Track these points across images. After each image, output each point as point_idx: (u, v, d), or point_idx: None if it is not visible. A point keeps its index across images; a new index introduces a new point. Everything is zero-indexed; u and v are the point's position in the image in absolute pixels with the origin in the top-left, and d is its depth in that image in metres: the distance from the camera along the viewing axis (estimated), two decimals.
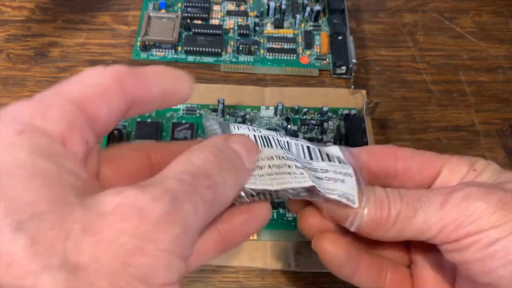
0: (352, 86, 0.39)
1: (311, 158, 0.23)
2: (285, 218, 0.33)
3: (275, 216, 0.33)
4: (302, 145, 0.23)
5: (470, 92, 0.41)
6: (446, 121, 0.39)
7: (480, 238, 0.19)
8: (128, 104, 0.18)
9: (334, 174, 0.22)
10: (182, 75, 0.20)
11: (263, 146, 0.21)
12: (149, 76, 0.19)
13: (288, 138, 0.23)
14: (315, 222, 0.22)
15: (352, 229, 0.21)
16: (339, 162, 0.23)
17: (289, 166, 0.21)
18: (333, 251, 0.22)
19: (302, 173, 0.21)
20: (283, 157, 0.21)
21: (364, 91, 0.40)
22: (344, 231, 0.22)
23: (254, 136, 0.22)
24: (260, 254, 0.32)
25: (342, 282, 0.31)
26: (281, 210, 0.33)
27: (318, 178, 0.21)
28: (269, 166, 0.21)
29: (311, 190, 0.21)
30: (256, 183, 0.20)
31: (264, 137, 0.22)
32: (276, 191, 0.20)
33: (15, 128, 0.14)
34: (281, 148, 0.22)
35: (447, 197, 0.20)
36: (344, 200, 0.21)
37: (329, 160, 0.23)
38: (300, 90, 0.40)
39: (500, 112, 0.40)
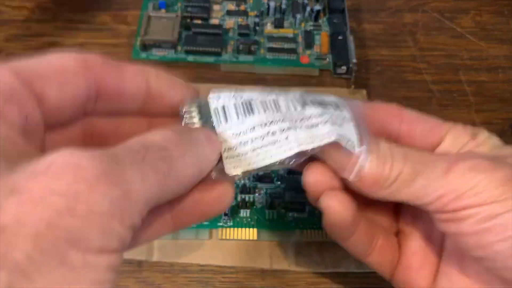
0: (353, 86, 0.39)
1: (304, 106, 0.21)
2: (285, 218, 0.33)
3: (275, 216, 0.33)
4: (292, 96, 0.22)
5: (470, 92, 0.41)
6: (447, 121, 0.39)
7: (480, 211, 0.18)
8: (90, 90, 0.17)
9: (330, 118, 0.20)
10: (174, 78, 0.20)
11: (244, 115, 0.20)
12: (128, 71, 0.18)
13: (275, 95, 0.21)
14: (321, 178, 0.22)
15: (351, 177, 0.20)
16: (337, 107, 0.21)
17: (273, 134, 0.20)
18: (341, 211, 0.21)
19: (287, 138, 0.20)
20: (265, 124, 0.20)
21: (364, 91, 0.40)
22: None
23: (235, 105, 0.20)
24: (260, 254, 0.32)
25: (342, 282, 0.31)
26: (281, 210, 0.33)
27: (312, 126, 0.20)
28: (251, 139, 0.20)
29: (301, 153, 0.20)
30: (240, 165, 0.19)
31: (246, 103, 0.21)
32: (260, 167, 0.20)
33: None
34: (267, 110, 0.20)
35: (452, 165, 0.19)
36: (343, 142, 0.20)
37: (325, 106, 0.21)
38: (300, 90, 0.39)
39: (500, 112, 0.40)
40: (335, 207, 0.21)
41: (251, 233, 0.32)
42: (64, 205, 0.12)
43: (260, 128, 0.20)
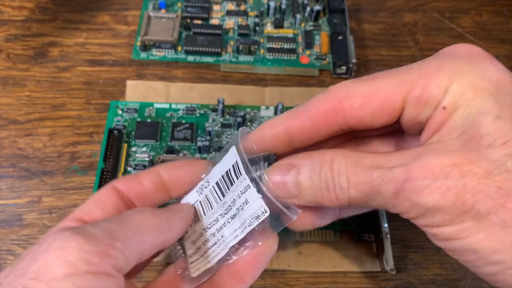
0: None
1: (223, 195, 0.23)
2: None
3: None
4: (213, 187, 0.24)
5: None
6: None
7: (439, 232, 0.19)
8: (124, 203, 0.23)
9: (237, 203, 0.22)
10: (181, 166, 0.25)
11: (203, 214, 0.24)
12: (142, 175, 0.24)
13: (213, 186, 0.24)
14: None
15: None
16: (236, 172, 0.22)
17: (213, 235, 0.23)
18: (301, 229, 0.24)
19: (222, 236, 0.23)
20: (208, 227, 0.23)
21: None
22: None
23: (200, 203, 0.24)
24: None
25: (342, 282, 0.31)
26: None
27: (236, 214, 0.22)
28: (203, 243, 0.23)
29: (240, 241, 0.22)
30: (199, 268, 0.23)
31: (206, 201, 0.24)
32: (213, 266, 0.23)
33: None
34: (216, 203, 0.23)
35: (399, 187, 0.18)
36: (255, 223, 0.22)
37: (231, 183, 0.23)
38: (300, 90, 0.40)
39: None
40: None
41: None
42: None
43: (207, 230, 0.24)
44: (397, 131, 0.24)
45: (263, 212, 0.21)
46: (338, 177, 0.20)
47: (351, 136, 0.25)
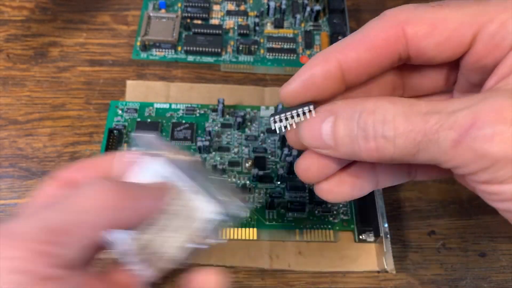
0: None
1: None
2: (285, 218, 0.33)
3: (275, 216, 0.33)
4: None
5: None
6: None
7: (502, 190, 0.16)
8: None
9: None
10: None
11: None
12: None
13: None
14: (312, 168, 0.21)
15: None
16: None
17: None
18: (339, 199, 0.22)
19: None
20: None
21: None
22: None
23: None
24: (260, 254, 0.32)
25: (342, 282, 0.31)
26: (281, 210, 0.33)
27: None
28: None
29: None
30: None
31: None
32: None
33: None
34: None
35: (463, 133, 0.16)
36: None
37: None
38: None
39: None
40: (332, 199, 0.22)
41: (251, 233, 0.32)
42: None
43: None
44: (448, 92, 0.21)
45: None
46: (382, 125, 0.17)
47: (396, 95, 0.22)
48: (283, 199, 0.33)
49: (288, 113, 0.20)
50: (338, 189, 0.22)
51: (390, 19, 0.19)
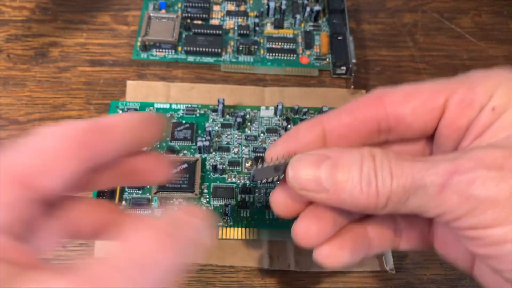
0: (352, 86, 0.39)
1: None
2: (285, 218, 0.33)
3: (275, 216, 0.33)
4: None
5: None
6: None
7: (486, 235, 0.17)
8: (87, 163, 0.17)
9: None
10: (148, 118, 0.19)
11: None
12: (112, 130, 0.18)
13: None
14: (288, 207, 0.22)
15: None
16: None
17: None
18: (338, 264, 0.21)
19: None
20: None
21: (364, 91, 0.40)
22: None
23: None
24: (260, 254, 0.32)
25: (342, 281, 0.31)
26: None
27: None
28: None
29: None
30: None
31: None
32: None
33: None
34: None
35: (447, 179, 0.17)
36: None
37: None
38: (300, 90, 0.40)
39: None
40: (330, 264, 0.21)
41: (251, 233, 0.32)
42: None
43: None
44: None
45: None
46: (381, 171, 0.18)
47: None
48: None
49: (271, 165, 0.21)
50: (339, 253, 0.21)
51: (371, 93, 0.21)
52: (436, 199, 0.17)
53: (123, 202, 0.33)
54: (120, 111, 0.37)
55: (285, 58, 0.41)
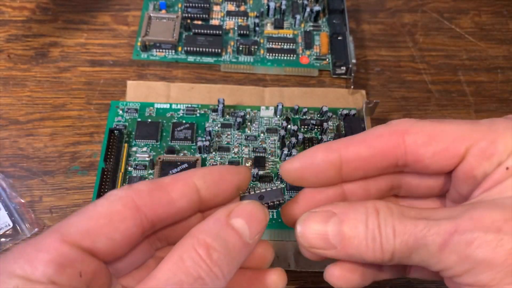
0: (352, 86, 0.39)
1: None
2: None
3: (274, 216, 0.33)
4: None
5: (469, 92, 0.41)
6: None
7: None
8: (142, 226, 0.19)
9: None
10: (223, 171, 0.21)
11: None
12: (175, 190, 0.19)
13: None
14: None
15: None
16: None
17: None
18: (346, 286, 0.22)
19: None
20: None
21: (363, 91, 0.40)
22: None
23: None
24: None
25: None
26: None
27: None
28: None
29: None
30: None
31: None
32: None
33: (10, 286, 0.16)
34: None
35: (447, 238, 0.17)
36: None
37: None
38: (300, 90, 0.40)
39: (499, 112, 0.40)
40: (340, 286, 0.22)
41: None
42: None
43: None
44: (440, 197, 0.23)
45: None
46: (385, 227, 0.19)
47: (392, 194, 0.24)
48: (283, 198, 0.33)
49: (257, 193, 0.23)
50: (349, 276, 0.22)
51: (393, 126, 0.21)
52: (437, 257, 0.18)
53: None
54: (120, 111, 0.37)
55: (285, 58, 0.41)
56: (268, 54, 0.41)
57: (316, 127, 0.37)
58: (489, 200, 0.18)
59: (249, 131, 0.36)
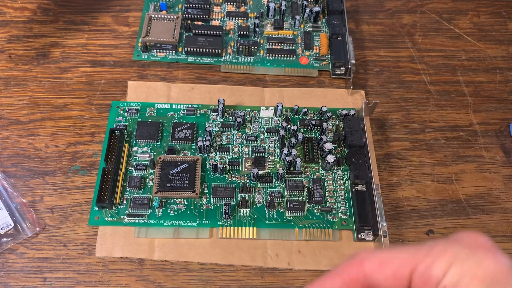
0: (351, 87, 0.39)
1: None
2: (284, 218, 0.33)
3: (274, 215, 0.33)
4: None
5: (468, 92, 0.41)
6: (444, 121, 0.39)
7: None
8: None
9: None
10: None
11: None
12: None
13: None
14: None
15: None
16: None
17: None
18: None
19: None
20: None
21: (363, 92, 0.40)
22: None
23: None
24: (260, 253, 0.32)
25: None
26: (280, 210, 0.33)
27: None
28: None
29: None
30: None
31: None
32: None
33: None
34: None
35: None
36: None
37: None
38: (300, 90, 0.40)
39: (498, 112, 0.40)
40: None
41: (251, 232, 0.32)
42: None
43: None
44: None
45: None
46: None
47: None
48: (282, 198, 0.34)
49: None
50: None
51: (356, 257, 0.23)
52: None
53: (124, 202, 0.33)
54: (121, 111, 0.37)
55: (284, 58, 0.41)
56: (268, 55, 0.41)
57: (315, 127, 0.37)
58: None
59: (249, 131, 0.37)
